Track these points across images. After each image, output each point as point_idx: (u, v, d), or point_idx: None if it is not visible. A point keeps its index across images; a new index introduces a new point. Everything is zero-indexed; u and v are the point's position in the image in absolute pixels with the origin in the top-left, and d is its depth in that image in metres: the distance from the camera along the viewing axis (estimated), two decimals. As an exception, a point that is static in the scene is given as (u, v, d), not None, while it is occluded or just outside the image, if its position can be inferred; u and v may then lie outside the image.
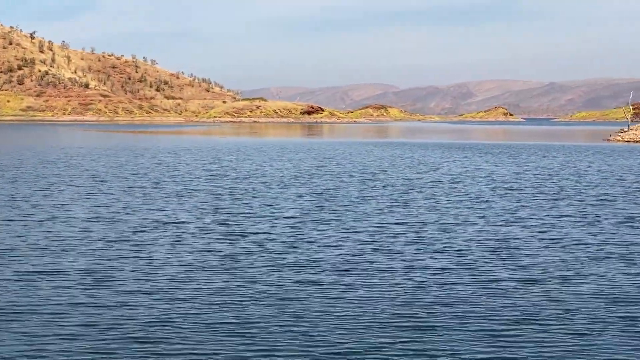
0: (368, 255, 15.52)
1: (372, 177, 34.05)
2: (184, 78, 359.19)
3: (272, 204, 23.85)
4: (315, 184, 30.33)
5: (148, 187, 29.18)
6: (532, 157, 50.20)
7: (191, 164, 42.18)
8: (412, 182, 31.27)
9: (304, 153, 54.97)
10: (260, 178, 33.15)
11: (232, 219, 20.57)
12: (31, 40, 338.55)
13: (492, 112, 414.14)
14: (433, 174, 35.55)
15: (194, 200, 24.67)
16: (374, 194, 26.82)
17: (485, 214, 21.54)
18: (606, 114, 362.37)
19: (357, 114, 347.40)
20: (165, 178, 33.13)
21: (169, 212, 21.76)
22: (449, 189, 28.45)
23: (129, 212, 21.87)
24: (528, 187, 29.17)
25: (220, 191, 27.53)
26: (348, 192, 27.45)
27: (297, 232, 18.33)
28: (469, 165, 41.73)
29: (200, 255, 15.46)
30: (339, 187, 29.28)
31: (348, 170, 38.13)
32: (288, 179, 32.95)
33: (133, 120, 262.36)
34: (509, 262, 14.88)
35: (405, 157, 50.63)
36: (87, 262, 14.64)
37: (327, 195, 26.16)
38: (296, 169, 38.94)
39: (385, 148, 63.85)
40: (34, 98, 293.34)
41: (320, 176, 34.23)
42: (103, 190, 27.90)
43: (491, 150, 61.01)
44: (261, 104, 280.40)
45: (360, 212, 21.83)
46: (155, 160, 45.97)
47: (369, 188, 28.87)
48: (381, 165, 42.17)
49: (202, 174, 35.62)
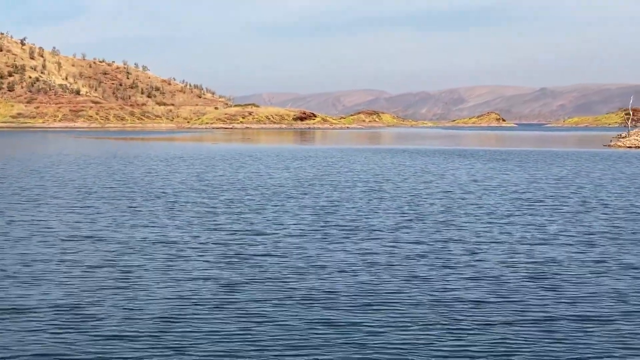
0: (388, 283, 13.39)
1: (377, 187, 31.93)
2: (176, 84, 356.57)
3: (273, 219, 21.69)
4: (317, 196, 28.19)
5: (137, 199, 26.96)
6: (539, 165, 48.25)
7: (183, 173, 39.96)
8: (421, 193, 29.18)
9: (301, 160, 52.83)
10: (258, 189, 30.98)
11: (229, 237, 18.39)
12: (21, 47, 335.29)
13: (484, 117, 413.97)
14: (441, 184, 33.47)
15: (186, 215, 22.47)
16: (383, 206, 24.71)
17: (511, 231, 19.45)
18: (598, 119, 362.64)
19: (349, 119, 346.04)
20: (156, 189, 30.90)
21: (158, 230, 19.55)
22: (463, 201, 26.36)
23: (114, 229, 19.65)
24: (547, 198, 27.12)
25: (216, 204, 25.35)
26: (354, 204, 25.32)
27: (304, 254, 16.18)
28: (476, 174, 39.72)
29: (194, 284, 13.28)
30: (343, 198, 27.15)
31: (350, 179, 36.01)
32: (287, 189, 30.80)
33: (124, 127, 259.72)
34: (554, 292, 12.78)
35: (407, 164, 48.58)
36: (61, 296, 12.42)
37: (331, 209, 24.03)
38: (295, 178, 36.79)
39: (384, 155, 61.80)
40: (25, 105, 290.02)
41: (322, 186, 32.09)
42: (87, 203, 25.64)
43: (493, 157, 59.08)
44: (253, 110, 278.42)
45: (371, 229, 19.70)
46: (146, 169, 43.72)
47: (376, 200, 26.75)
48: (384, 173, 40.08)
49: (196, 184, 33.42)
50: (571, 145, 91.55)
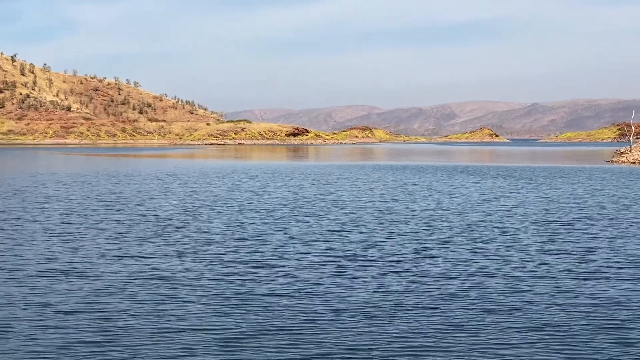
0: (420, 333, 10.95)
1: (386, 207, 29.51)
2: (168, 100, 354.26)
3: (277, 247, 19.24)
4: (322, 218, 25.77)
5: (124, 223, 24.45)
6: (550, 182, 46.03)
7: (176, 193, 37.45)
8: (436, 215, 26.80)
9: (300, 178, 50.40)
10: (257, 211, 28.50)
11: (228, 272, 15.92)
12: (12, 63, 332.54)
13: (477, 133, 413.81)
14: (454, 204, 31.11)
15: (179, 244, 19.98)
16: (397, 231, 22.31)
17: (549, 262, 17.04)
18: (591, 134, 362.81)
19: (342, 135, 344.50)
20: (146, 211, 28.38)
21: (146, 262, 17.06)
22: (484, 224, 23.99)
23: (96, 261, 17.13)
24: (576, 221, 24.76)
25: (211, 229, 22.87)
26: (365, 228, 22.91)
27: (317, 294, 13.74)
28: (487, 192, 37.41)
29: (192, 338, 10.80)
30: (352, 221, 24.73)
31: (355, 199, 33.61)
32: (289, 211, 28.34)
33: (116, 144, 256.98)
34: (630, 347, 10.40)
35: (411, 182, 46.25)
36: (23, 355, 9.91)
37: (340, 234, 21.61)
38: (296, 198, 34.33)
39: (385, 172, 59.49)
40: (15, 121, 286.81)
41: (326, 207, 29.65)
42: (69, 229, 23.10)
43: (498, 173, 56.87)
44: (246, 126, 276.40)
45: (390, 259, 17.29)
46: (136, 188, 41.19)
47: (387, 223, 24.35)
48: (390, 192, 37.70)
49: (189, 204, 30.91)
50: (572, 161, 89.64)
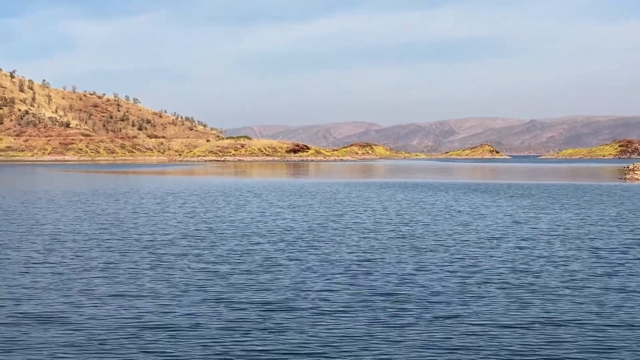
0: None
1: (407, 231, 26.71)
2: (167, 116, 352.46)
3: (293, 283, 16.45)
4: (341, 244, 22.98)
5: (116, 249, 21.66)
6: (574, 201, 43.28)
7: (176, 214, 34.66)
8: (466, 240, 24.02)
9: (307, 197, 47.60)
10: (266, 235, 25.69)
11: (238, 317, 13.13)
12: (11, 80, 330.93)
13: (478, 149, 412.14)
14: (480, 225, 28.33)
15: (178, 277, 17.18)
16: (431, 260, 19.53)
17: (633, 306, 14.31)
18: (593, 151, 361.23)
19: (342, 152, 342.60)
20: (142, 235, 25.58)
21: (140, 303, 14.27)
22: (526, 251, 21.20)
23: (79, 302, 14.33)
24: (628, 248, 22.01)
25: (216, 258, 20.08)
26: (391, 257, 20.14)
27: (350, 350, 10.94)
28: (512, 213, 34.64)
29: None
30: (374, 248, 21.95)
31: (372, 221, 30.83)
32: (302, 235, 25.54)
33: (115, 160, 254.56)
34: None
35: (426, 201, 43.49)
36: None
37: (366, 265, 18.83)
38: (307, 219, 31.51)
39: (395, 190, 56.72)
40: (14, 138, 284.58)
41: (343, 231, 26.85)
42: (52, 258, 20.29)
43: (513, 191, 54.13)
44: (246, 143, 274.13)
45: (435, 300, 14.51)
46: (133, 208, 38.41)
47: (415, 250, 21.57)
48: (407, 212, 34.90)
49: (190, 227, 28.11)
50: (584, 178, 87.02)
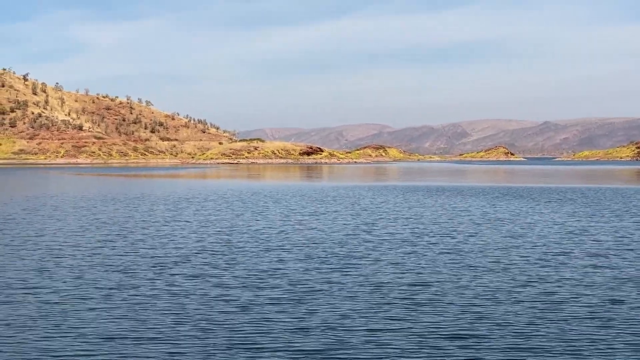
0: None
1: (455, 246, 23.72)
2: (180, 119, 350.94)
3: (335, 315, 13.59)
4: (381, 261, 20.05)
5: (121, 267, 18.88)
6: (622, 206, 40.08)
7: (190, 223, 31.86)
8: (528, 255, 21.03)
9: (331, 203, 44.62)
10: (293, 250, 22.74)
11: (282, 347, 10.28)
12: (24, 82, 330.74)
13: (493, 151, 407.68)
14: (533, 238, 25.26)
15: (193, 308, 14.34)
16: (492, 282, 16.59)
17: None
18: (609, 152, 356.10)
19: (356, 154, 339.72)
20: (152, 249, 22.79)
21: (144, 347, 11.45)
22: (605, 270, 18.23)
23: (65, 346, 11.53)
24: None
25: (237, 279, 17.22)
26: (446, 277, 17.21)
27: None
28: (560, 221, 31.56)
29: None
30: (421, 267, 19.02)
31: (408, 231, 27.83)
32: (333, 249, 22.60)
33: (128, 163, 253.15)
34: None
35: (459, 208, 40.44)
36: None
37: (418, 291, 15.93)
38: (335, 230, 28.51)
39: (420, 194, 53.67)
40: (27, 141, 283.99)
41: (379, 244, 23.87)
42: (45, 280, 17.52)
43: (549, 196, 50.93)
44: (259, 145, 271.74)
45: (516, 338, 11.59)
46: (142, 216, 35.70)
47: (468, 269, 18.62)
48: (444, 222, 31.85)
49: (206, 240, 25.26)
50: (617, 181, 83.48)
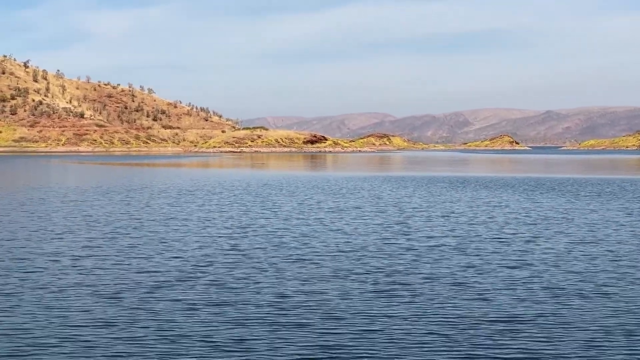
0: None
1: (514, 253, 20.81)
2: (182, 107, 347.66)
3: (384, 344, 10.72)
4: (419, 272, 17.16)
5: (112, 277, 16.00)
6: None
7: (194, 220, 28.89)
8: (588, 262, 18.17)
9: (348, 196, 41.51)
10: (318, 260, 19.83)
11: None
12: (25, 70, 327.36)
13: (497, 140, 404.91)
14: (587, 237, 22.37)
15: (201, 329, 11.47)
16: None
17: None
18: (615, 141, 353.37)
19: (360, 143, 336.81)
20: (162, 243, 19.89)
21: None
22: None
23: None
24: None
25: (250, 291, 14.35)
26: (508, 290, 14.32)
27: None
28: (611, 217, 28.70)
29: None
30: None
31: (445, 230, 24.93)
32: (368, 256, 19.67)
33: (129, 151, 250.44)
34: None
35: (493, 203, 37.49)
36: None
37: (471, 310, 13.05)
38: (364, 232, 25.36)
39: (443, 186, 50.61)
40: (28, 128, 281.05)
41: (425, 253, 20.97)
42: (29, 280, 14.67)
43: (576, 189, 48.00)
44: (262, 134, 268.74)
45: None
46: (140, 209, 32.80)
47: (536, 280, 15.72)
48: (487, 220, 28.83)
49: (214, 245, 22.35)
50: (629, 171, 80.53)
